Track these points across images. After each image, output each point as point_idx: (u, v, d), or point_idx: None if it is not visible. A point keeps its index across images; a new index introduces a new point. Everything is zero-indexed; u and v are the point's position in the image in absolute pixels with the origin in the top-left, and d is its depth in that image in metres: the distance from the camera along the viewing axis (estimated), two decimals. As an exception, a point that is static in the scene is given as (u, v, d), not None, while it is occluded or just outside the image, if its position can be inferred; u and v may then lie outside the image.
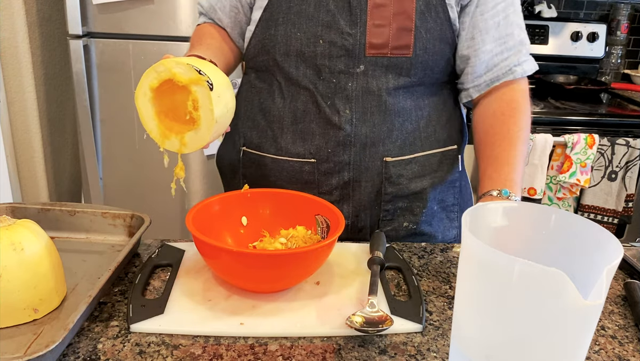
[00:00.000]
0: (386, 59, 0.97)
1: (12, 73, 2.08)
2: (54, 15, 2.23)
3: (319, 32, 0.96)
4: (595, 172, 2.16)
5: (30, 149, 2.19)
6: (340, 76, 0.98)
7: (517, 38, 1.02)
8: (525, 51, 1.03)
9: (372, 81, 0.98)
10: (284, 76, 1.01)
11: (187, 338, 0.71)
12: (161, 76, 0.79)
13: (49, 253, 0.76)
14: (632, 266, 0.93)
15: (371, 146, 1.00)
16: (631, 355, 0.73)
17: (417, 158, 1.04)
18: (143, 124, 0.82)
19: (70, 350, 0.68)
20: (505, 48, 1.01)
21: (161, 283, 0.83)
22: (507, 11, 1.00)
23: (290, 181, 1.04)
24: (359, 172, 1.02)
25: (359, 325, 0.72)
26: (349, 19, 0.96)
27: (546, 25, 2.61)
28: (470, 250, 0.57)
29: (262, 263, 0.76)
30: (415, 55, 0.97)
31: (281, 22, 0.97)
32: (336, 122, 0.99)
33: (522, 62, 1.02)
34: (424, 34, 0.97)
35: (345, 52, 0.96)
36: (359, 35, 0.96)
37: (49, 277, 0.75)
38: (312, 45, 0.97)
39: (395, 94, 0.99)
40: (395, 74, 0.98)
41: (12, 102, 2.12)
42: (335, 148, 1.00)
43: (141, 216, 0.95)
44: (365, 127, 0.99)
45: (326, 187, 1.03)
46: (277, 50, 0.99)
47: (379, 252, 0.89)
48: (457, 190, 1.12)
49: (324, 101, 0.99)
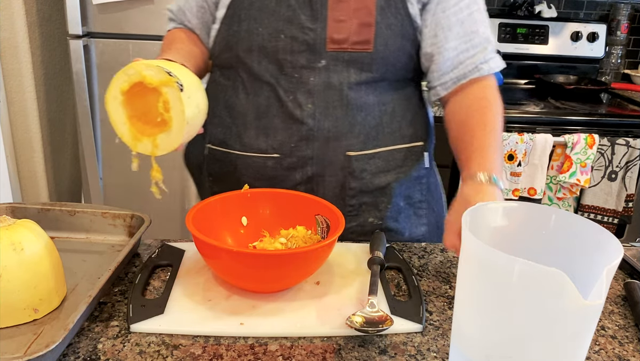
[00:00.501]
0: (347, 54, 0.97)
1: (12, 73, 2.08)
2: (54, 15, 2.23)
3: (280, 27, 0.97)
4: (595, 172, 2.16)
5: (30, 149, 2.19)
6: (302, 71, 0.98)
7: (482, 35, 1.01)
8: (491, 49, 1.03)
9: (333, 75, 0.98)
10: (247, 72, 1.01)
11: (187, 338, 0.71)
12: (131, 78, 0.79)
13: (49, 253, 0.76)
14: (632, 266, 0.93)
15: (334, 140, 1.00)
16: (631, 355, 0.73)
17: (380, 153, 1.04)
18: (114, 127, 0.82)
19: (70, 350, 0.68)
20: (470, 45, 1.00)
21: (161, 283, 0.83)
22: (470, 8, 1.00)
23: (256, 177, 1.04)
24: (323, 166, 1.02)
25: (359, 325, 0.72)
26: (310, 14, 0.96)
27: (546, 25, 2.61)
28: (470, 250, 0.57)
29: (262, 263, 0.76)
30: (376, 50, 0.98)
31: (244, 18, 0.98)
32: (298, 117, 0.99)
33: (489, 59, 1.02)
34: (385, 30, 0.97)
35: (307, 47, 0.97)
36: (320, 30, 0.96)
37: (49, 277, 0.75)
38: (274, 40, 0.97)
39: (357, 89, 1.00)
40: (357, 69, 0.99)
41: (12, 102, 2.12)
42: (298, 143, 1.00)
43: (141, 216, 0.95)
44: (327, 122, 1.00)
45: (290, 182, 1.03)
46: (240, 47, 0.99)
47: (379, 252, 0.89)
48: (424, 187, 1.12)
49: (286, 95, 0.99)
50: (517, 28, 2.60)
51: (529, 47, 2.62)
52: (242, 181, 1.04)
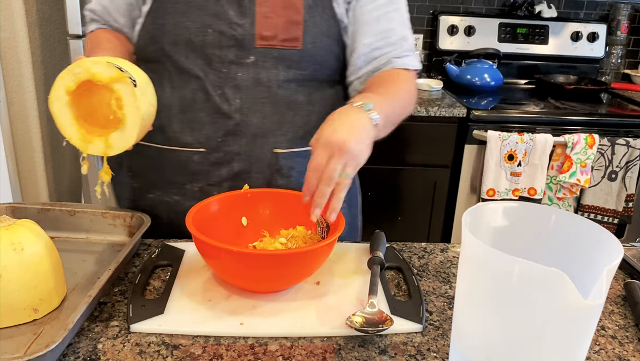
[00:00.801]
0: (276, 50, 0.98)
1: (12, 73, 2.08)
2: (54, 15, 2.23)
3: (208, 21, 0.96)
4: (596, 172, 2.16)
5: (30, 149, 2.19)
6: (230, 66, 0.97)
7: (399, 34, 1.03)
8: (408, 47, 1.04)
9: (262, 72, 0.98)
10: (173, 65, 1.00)
11: (187, 338, 0.71)
12: (78, 77, 0.77)
13: (49, 253, 0.76)
14: (632, 266, 0.93)
15: (261, 136, 1.00)
16: (631, 355, 0.73)
17: (308, 152, 1.01)
18: (60, 130, 0.79)
19: (70, 350, 0.68)
20: (386, 43, 1.02)
21: (161, 283, 0.83)
22: (387, 7, 1.02)
23: (180, 172, 1.03)
24: (250, 163, 1.01)
25: (359, 325, 0.72)
26: (238, 9, 0.96)
27: (546, 25, 2.61)
28: (470, 250, 0.57)
29: (262, 263, 0.75)
30: (305, 48, 0.98)
31: (170, 11, 0.97)
32: (226, 111, 0.99)
33: (403, 56, 1.03)
34: (312, 28, 0.98)
35: (235, 42, 0.96)
36: (248, 26, 0.96)
37: (49, 277, 0.75)
38: (202, 35, 0.96)
39: (286, 87, 1.00)
40: (285, 66, 0.99)
41: (12, 102, 2.12)
42: (225, 137, 1.00)
43: (141, 216, 0.95)
44: (255, 118, 0.99)
45: (215, 178, 1.02)
46: (165, 40, 0.98)
47: (379, 252, 0.89)
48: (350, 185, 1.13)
49: (214, 90, 0.98)
50: (517, 28, 2.60)
51: (529, 47, 2.62)
52: (164, 176, 1.03)
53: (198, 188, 1.03)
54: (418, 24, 2.61)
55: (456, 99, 2.25)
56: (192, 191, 1.03)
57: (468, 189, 2.22)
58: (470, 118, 2.11)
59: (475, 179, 2.20)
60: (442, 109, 2.10)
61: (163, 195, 1.05)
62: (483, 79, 2.40)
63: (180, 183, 1.03)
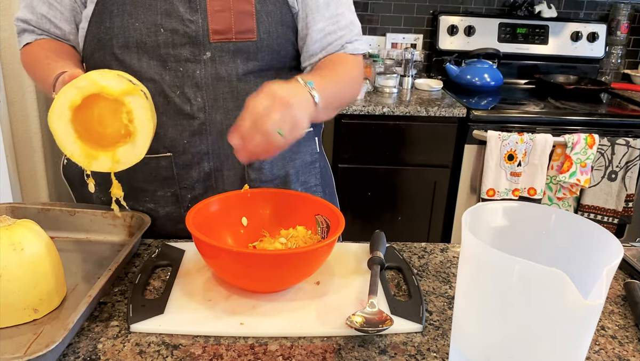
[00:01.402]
0: (232, 44, 0.96)
1: (12, 73, 2.08)
2: (54, 15, 2.23)
3: (159, 20, 0.93)
4: (595, 172, 2.16)
5: (30, 149, 2.19)
6: (187, 65, 0.95)
7: (348, 18, 1.04)
8: (357, 32, 1.06)
9: (220, 67, 0.97)
10: (126, 70, 0.96)
11: (187, 338, 0.71)
12: (84, 91, 0.74)
13: (49, 253, 0.76)
14: (632, 266, 0.93)
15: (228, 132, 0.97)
16: (631, 355, 0.73)
17: None
18: (61, 147, 0.76)
19: (70, 350, 0.68)
20: (337, 27, 1.02)
21: (161, 283, 0.83)
22: None
23: (149, 180, 1.01)
24: (220, 161, 1.00)
25: (359, 325, 0.72)
26: (188, 5, 0.94)
27: (546, 25, 2.61)
28: (470, 250, 0.57)
29: (262, 263, 0.76)
30: (260, 39, 0.97)
31: (116, 13, 0.93)
32: (188, 112, 0.97)
33: (354, 40, 1.04)
34: (265, 18, 0.97)
35: (189, 39, 0.94)
36: (201, 21, 0.94)
37: (49, 277, 0.75)
38: (153, 35, 0.94)
39: (245, 80, 0.99)
40: (243, 59, 0.98)
41: (12, 102, 2.12)
42: (191, 138, 0.98)
43: (141, 216, 0.95)
44: (219, 114, 0.98)
45: (187, 181, 1.01)
46: (114, 44, 0.95)
47: (379, 252, 0.89)
48: (317, 171, 1.14)
49: (173, 91, 0.96)
50: (517, 28, 2.60)
51: (529, 47, 2.62)
52: (134, 186, 1.00)
53: (170, 193, 1.01)
54: (418, 24, 2.61)
55: (456, 99, 2.26)
56: (164, 197, 1.02)
57: (468, 189, 2.22)
58: (470, 118, 2.11)
59: (475, 179, 2.20)
60: (442, 109, 2.10)
61: (135, 204, 1.02)
62: (483, 79, 2.40)
63: (151, 191, 1.01)
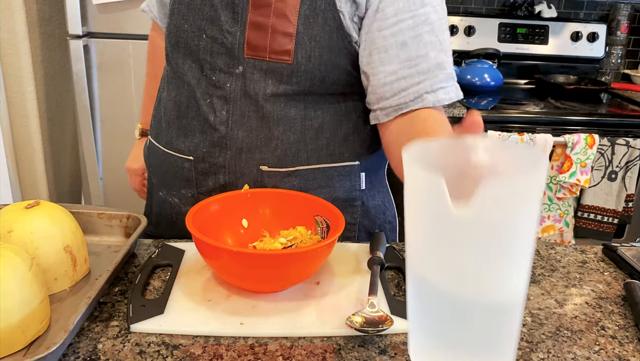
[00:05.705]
0: (265, 62, 0.90)
1: (12, 73, 2.08)
2: (54, 15, 2.24)
3: (203, 25, 0.92)
4: (595, 172, 2.16)
5: (30, 149, 2.19)
6: (220, 75, 0.93)
7: (432, 61, 0.88)
8: (444, 77, 0.89)
9: (250, 84, 0.92)
10: (172, 68, 0.99)
11: (187, 338, 0.71)
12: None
13: (20, 287, 0.66)
14: (632, 266, 0.93)
15: (247, 151, 0.95)
16: (631, 355, 0.73)
17: (299, 172, 0.96)
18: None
19: (70, 350, 0.68)
20: (416, 71, 0.88)
21: (161, 283, 0.83)
22: (417, 30, 0.88)
23: (175, 176, 1.02)
24: (235, 176, 0.97)
25: (359, 325, 0.72)
26: (231, 16, 0.91)
27: (546, 25, 2.61)
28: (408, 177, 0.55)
29: (262, 263, 0.76)
30: (297, 63, 0.90)
31: (176, 12, 0.95)
32: (212, 123, 0.95)
33: (437, 89, 0.89)
34: (307, 42, 0.89)
35: (225, 50, 0.92)
36: (239, 34, 0.91)
37: (13, 313, 0.65)
38: (197, 39, 0.93)
39: (274, 101, 0.92)
40: (275, 80, 0.91)
41: (12, 102, 2.12)
42: (211, 149, 0.96)
43: (137, 217, 0.95)
44: (241, 132, 0.94)
45: (204, 187, 1.00)
46: (169, 41, 0.97)
47: (379, 252, 0.89)
48: (356, 210, 1.03)
49: (204, 98, 0.95)
50: (517, 28, 2.60)
51: (529, 47, 2.62)
52: (166, 177, 1.04)
53: (191, 195, 1.01)
54: (418, 24, 2.61)
55: (456, 99, 2.25)
56: (186, 196, 1.02)
57: (468, 189, 2.22)
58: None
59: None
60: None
61: (167, 195, 1.05)
62: (483, 79, 2.40)
63: (177, 187, 1.03)
